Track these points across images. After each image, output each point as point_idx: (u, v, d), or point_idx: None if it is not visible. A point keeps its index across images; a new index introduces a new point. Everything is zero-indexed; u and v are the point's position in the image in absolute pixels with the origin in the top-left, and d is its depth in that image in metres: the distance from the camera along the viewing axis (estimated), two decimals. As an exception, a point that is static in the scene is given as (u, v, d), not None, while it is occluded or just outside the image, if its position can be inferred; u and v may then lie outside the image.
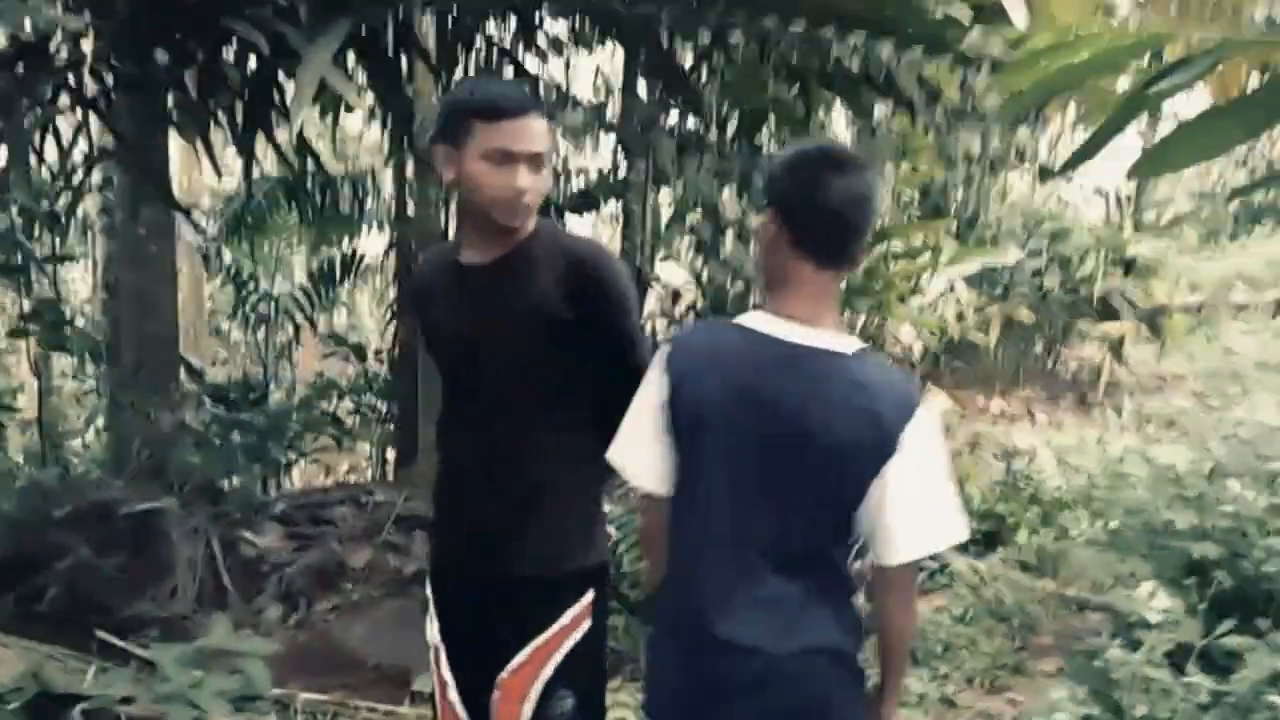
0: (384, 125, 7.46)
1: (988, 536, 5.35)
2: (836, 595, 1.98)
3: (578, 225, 10.03)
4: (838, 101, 6.32)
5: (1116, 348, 8.51)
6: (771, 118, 6.42)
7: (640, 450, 2.09)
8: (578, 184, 8.80)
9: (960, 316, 7.40)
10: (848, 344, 1.96)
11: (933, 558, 5.08)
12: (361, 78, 5.50)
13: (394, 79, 5.21)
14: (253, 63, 4.10)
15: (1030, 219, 8.46)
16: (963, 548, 5.36)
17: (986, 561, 4.96)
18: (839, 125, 7.42)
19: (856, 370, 1.92)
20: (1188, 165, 2.95)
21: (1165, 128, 7.41)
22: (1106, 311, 8.45)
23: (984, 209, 8.36)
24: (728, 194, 7.21)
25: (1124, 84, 4.28)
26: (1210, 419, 4.73)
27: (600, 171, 8.15)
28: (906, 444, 1.87)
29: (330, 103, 6.85)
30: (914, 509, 1.90)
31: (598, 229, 10.04)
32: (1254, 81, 4.42)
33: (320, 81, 3.56)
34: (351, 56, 5.27)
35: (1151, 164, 2.76)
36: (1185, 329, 9.90)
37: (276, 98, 4.39)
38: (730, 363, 1.96)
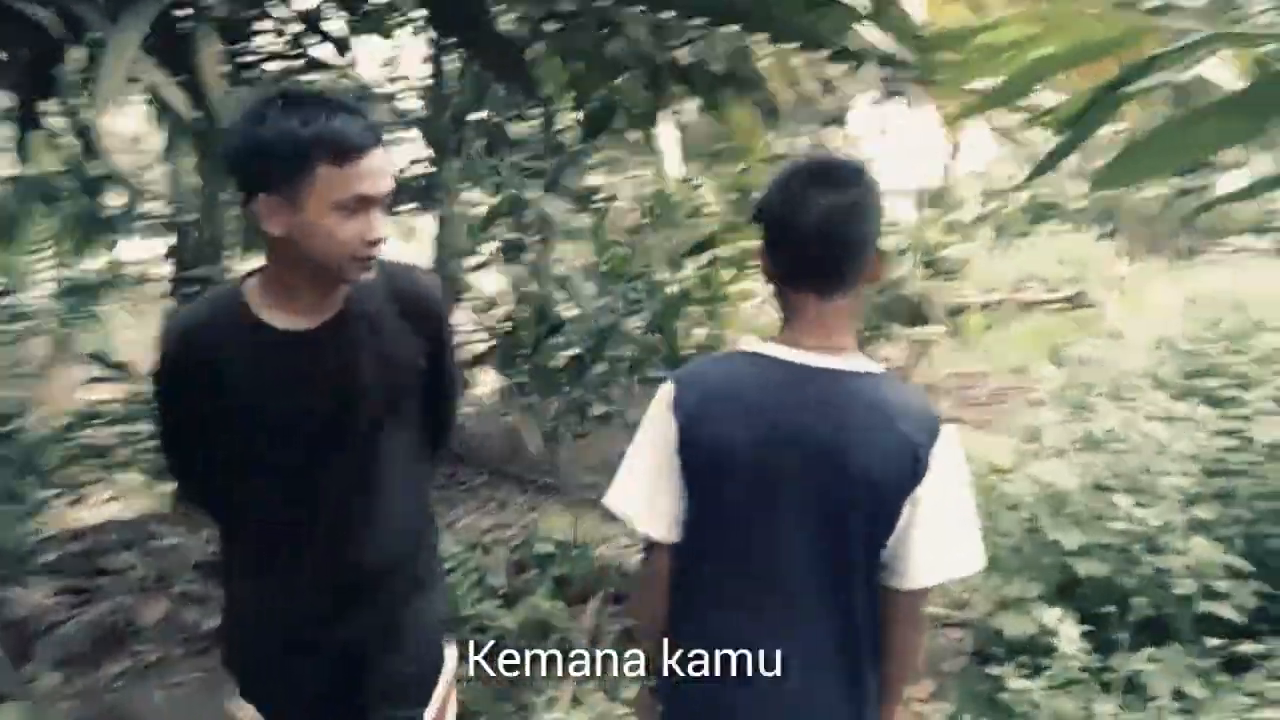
0: (160, 116, 6.62)
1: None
2: (861, 641, 1.90)
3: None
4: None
5: (925, 349, 8.57)
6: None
7: (647, 495, 1.95)
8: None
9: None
10: (867, 365, 1.90)
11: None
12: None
13: (180, 60, 4.51)
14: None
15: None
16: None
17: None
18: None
19: (880, 391, 1.86)
20: (1164, 172, 2.76)
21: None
22: (916, 312, 8.49)
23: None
24: (538, 194, 6.77)
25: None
26: (1074, 430, 4.61)
27: (400, 171, 7.51)
28: (935, 465, 1.83)
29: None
30: (939, 532, 1.86)
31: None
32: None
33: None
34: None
35: (1121, 172, 2.51)
36: (982, 328, 10.13)
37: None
38: (751, 395, 1.87)
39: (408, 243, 9.21)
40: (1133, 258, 9.50)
